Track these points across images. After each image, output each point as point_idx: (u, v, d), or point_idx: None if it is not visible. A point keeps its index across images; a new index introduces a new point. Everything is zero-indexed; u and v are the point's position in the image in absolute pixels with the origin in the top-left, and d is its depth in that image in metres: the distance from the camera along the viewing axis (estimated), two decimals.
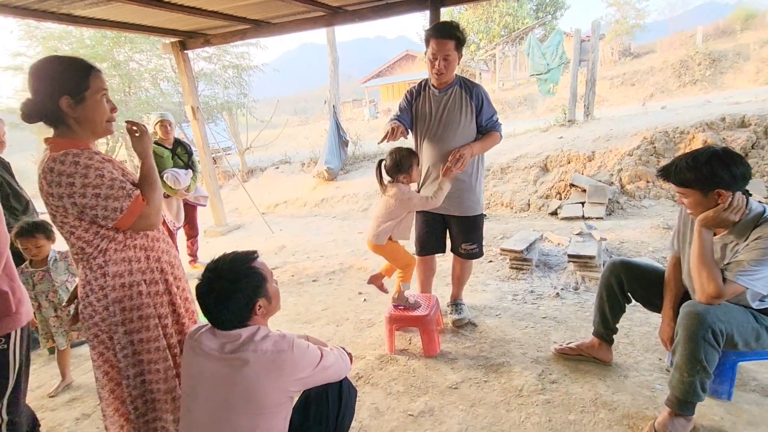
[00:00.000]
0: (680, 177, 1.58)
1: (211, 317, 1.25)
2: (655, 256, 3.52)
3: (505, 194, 5.84)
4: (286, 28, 4.74)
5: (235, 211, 7.84)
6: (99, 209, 1.26)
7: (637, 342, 2.32)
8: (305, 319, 3.07)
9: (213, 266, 1.25)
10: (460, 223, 2.50)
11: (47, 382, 2.58)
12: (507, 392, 2.02)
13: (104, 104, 1.33)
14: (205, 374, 1.21)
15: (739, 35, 16.49)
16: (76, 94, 1.27)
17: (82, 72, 1.28)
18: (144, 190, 1.36)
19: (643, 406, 1.83)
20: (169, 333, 1.47)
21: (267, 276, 1.30)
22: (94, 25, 4.21)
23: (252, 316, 1.26)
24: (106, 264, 1.33)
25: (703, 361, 1.53)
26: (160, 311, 1.44)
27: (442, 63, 2.16)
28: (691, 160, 1.56)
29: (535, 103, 16.50)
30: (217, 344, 1.22)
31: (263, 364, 1.17)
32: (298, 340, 1.25)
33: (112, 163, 1.37)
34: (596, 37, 8.16)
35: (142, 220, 1.33)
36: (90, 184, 1.24)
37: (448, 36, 2.13)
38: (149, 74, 11.23)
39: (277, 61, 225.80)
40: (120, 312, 1.36)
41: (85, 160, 1.25)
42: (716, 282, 1.52)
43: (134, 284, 1.38)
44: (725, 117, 5.52)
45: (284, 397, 1.22)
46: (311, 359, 1.25)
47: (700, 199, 1.57)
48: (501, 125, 2.45)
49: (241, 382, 1.16)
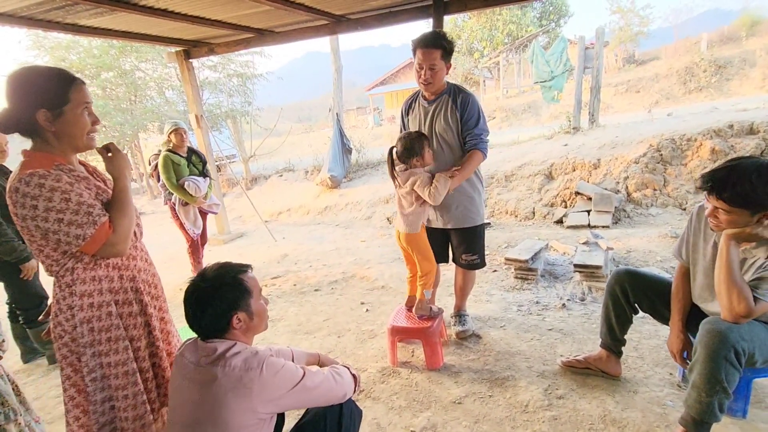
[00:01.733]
0: (739, 197, 1.39)
1: (191, 322, 1.22)
2: (663, 266, 3.45)
3: (510, 202, 5.79)
4: (289, 36, 4.76)
5: (238, 219, 7.83)
6: (61, 234, 1.20)
7: (646, 356, 2.25)
8: (306, 329, 3.02)
9: (203, 271, 1.25)
10: (461, 234, 2.45)
11: (45, 393, 2.54)
12: (512, 408, 1.96)
13: (85, 118, 1.27)
14: (183, 388, 1.19)
15: (744, 42, 16.42)
16: (54, 108, 1.22)
17: (62, 84, 1.23)
18: (113, 215, 1.28)
19: (654, 423, 1.77)
20: (141, 356, 1.40)
21: (252, 291, 1.26)
22: (99, 35, 4.24)
23: (229, 329, 1.21)
24: (74, 283, 1.28)
25: (723, 381, 1.46)
26: (132, 333, 1.38)
27: (428, 72, 2.15)
28: (756, 178, 1.36)
29: (539, 110, 16.48)
30: (195, 357, 1.20)
31: (230, 382, 1.12)
32: (271, 359, 1.18)
33: (87, 181, 1.31)
34: (600, 44, 8.13)
35: (107, 248, 1.26)
36: (53, 208, 1.18)
37: (433, 45, 2.12)
38: (155, 83, 11.37)
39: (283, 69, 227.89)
40: (88, 333, 1.30)
41: (52, 182, 1.19)
42: (748, 302, 1.44)
43: (104, 304, 1.32)
44: (733, 124, 5.45)
45: (253, 419, 1.14)
46: (286, 379, 1.18)
47: (745, 218, 1.43)
48: (486, 142, 2.28)
49: (208, 400, 1.12)
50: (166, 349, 1.52)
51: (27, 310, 2.73)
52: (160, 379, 1.47)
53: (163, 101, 11.51)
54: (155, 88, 11.53)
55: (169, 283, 4.02)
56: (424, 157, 2.18)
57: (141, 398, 1.38)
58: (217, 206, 4.32)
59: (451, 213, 2.36)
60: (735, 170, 1.41)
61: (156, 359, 1.46)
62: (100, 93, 10.83)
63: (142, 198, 11.88)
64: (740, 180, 1.38)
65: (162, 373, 1.47)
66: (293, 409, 1.27)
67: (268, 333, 3.05)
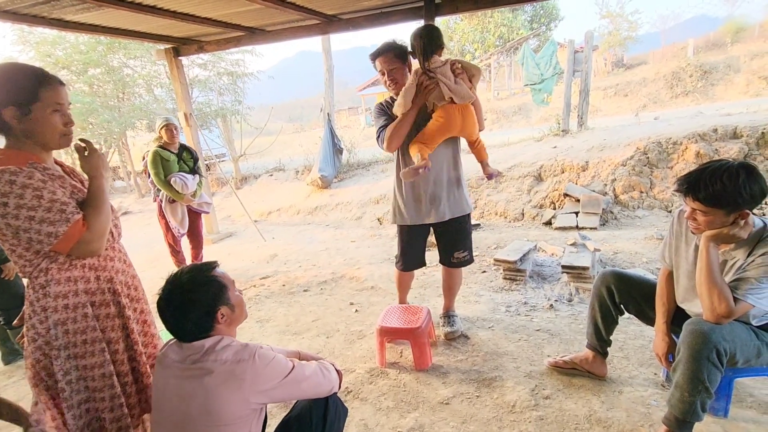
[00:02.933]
0: (712, 197, 1.43)
1: (173, 330, 1.21)
2: (649, 267, 3.50)
3: (499, 203, 5.83)
4: (280, 35, 4.73)
5: (227, 218, 7.76)
6: (33, 233, 1.17)
7: (631, 356, 2.28)
8: (295, 330, 3.01)
9: (172, 279, 1.22)
10: (451, 228, 2.45)
11: (26, 395, 2.49)
12: (499, 408, 1.97)
13: (55, 119, 1.24)
14: (168, 387, 1.18)
15: (729, 48, 16.75)
16: (22, 106, 1.19)
17: (32, 83, 1.20)
18: (87, 213, 1.25)
19: (638, 423, 1.79)
20: (119, 359, 1.37)
21: (228, 284, 1.27)
22: (85, 31, 4.17)
23: (215, 325, 1.22)
24: (48, 284, 1.25)
25: (705, 381, 1.48)
26: (109, 335, 1.35)
27: (390, 74, 2.26)
28: (727, 178, 1.41)
29: (529, 112, 16.63)
30: (181, 356, 1.19)
31: (223, 374, 1.13)
32: (262, 350, 1.20)
33: (62, 180, 1.28)
34: (589, 48, 8.24)
35: (81, 246, 1.23)
36: (25, 205, 1.16)
37: (385, 50, 2.25)
38: (143, 80, 11.20)
39: (275, 68, 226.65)
40: (63, 335, 1.27)
41: (23, 179, 1.16)
42: (728, 302, 1.47)
43: (80, 306, 1.29)
44: (717, 128, 5.55)
45: (245, 410, 1.16)
46: (277, 370, 1.20)
47: (721, 218, 1.47)
48: None
49: (201, 393, 1.13)
50: (149, 353, 1.49)
51: (8, 311, 2.67)
52: (141, 384, 1.44)
53: (151, 99, 11.35)
54: (144, 86, 11.37)
55: (156, 282, 3.96)
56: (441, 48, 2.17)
57: (118, 401, 1.35)
58: (208, 205, 4.23)
59: (443, 204, 2.36)
60: (706, 172, 1.46)
61: (135, 363, 1.43)
62: (87, 90, 10.65)
63: (129, 197, 11.71)
64: (712, 181, 1.43)
65: (142, 378, 1.44)
66: (282, 401, 1.28)
67: (256, 333, 3.03)
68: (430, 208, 2.38)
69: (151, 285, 1.93)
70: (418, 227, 2.46)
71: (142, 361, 1.45)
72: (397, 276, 2.71)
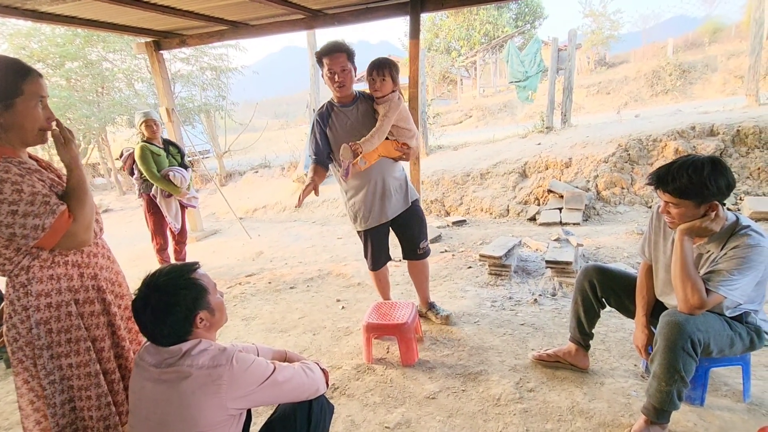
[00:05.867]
0: (680, 189, 1.51)
1: (149, 335, 1.16)
2: (629, 262, 3.58)
3: (485, 200, 5.88)
4: (265, 30, 4.67)
5: (212, 215, 7.66)
6: (17, 227, 1.13)
7: (612, 348, 2.33)
8: (281, 327, 2.99)
9: (149, 280, 1.16)
10: (409, 218, 2.53)
11: (3, 398, 2.42)
12: (485, 402, 1.99)
13: (38, 112, 1.21)
14: (145, 390, 1.14)
15: (707, 48, 17.15)
16: (5, 99, 1.16)
17: (15, 75, 1.17)
18: (71, 205, 1.22)
19: (619, 413, 1.83)
20: (105, 357, 1.35)
21: (208, 287, 1.22)
22: (62, 22, 4.04)
23: (193, 329, 1.17)
24: (30, 282, 1.21)
25: (681, 370, 1.53)
26: (94, 333, 1.32)
27: (341, 75, 2.29)
28: (692, 171, 1.48)
29: (514, 109, 16.78)
30: (157, 359, 1.15)
31: (199, 379, 1.09)
32: (240, 354, 1.15)
33: (40, 173, 1.25)
34: (573, 47, 8.34)
35: (68, 238, 1.20)
36: (5, 200, 1.12)
37: (338, 50, 2.26)
38: (123, 74, 10.92)
39: (260, 63, 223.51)
40: (45, 334, 1.24)
41: (0, 173, 1.13)
42: (701, 293, 1.51)
43: (63, 304, 1.26)
44: (695, 126, 5.70)
45: (222, 416, 1.12)
46: (257, 374, 1.15)
47: (692, 210, 1.53)
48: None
49: (176, 398, 1.09)
50: (136, 349, 1.47)
51: None
52: (128, 381, 1.42)
53: (132, 94, 11.07)
54: (124, 80, 11.09)
55: (138, 281, 3.89)
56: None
57: (105, 399, 1.33)
58: (195, 199, 4.20)
59: (393, 199, 2.46)
60: (674, 166, 1.54)
61: (122, 360, 1.41)
62: (64, 84, 10.32)
63: (110, 194, 11.43)
64: (679, 174, 1.51)
65: (129, 375, 1.42)
66: (264, 405, 1.25)
67: (241, 331, 3.00)
68: (382, 208, 2.46)
69: (134, 284, 1.89)
70: (377, 228, 2.52)
71: (129, 358, 1.42)
72: (372, 277, 2.75)
